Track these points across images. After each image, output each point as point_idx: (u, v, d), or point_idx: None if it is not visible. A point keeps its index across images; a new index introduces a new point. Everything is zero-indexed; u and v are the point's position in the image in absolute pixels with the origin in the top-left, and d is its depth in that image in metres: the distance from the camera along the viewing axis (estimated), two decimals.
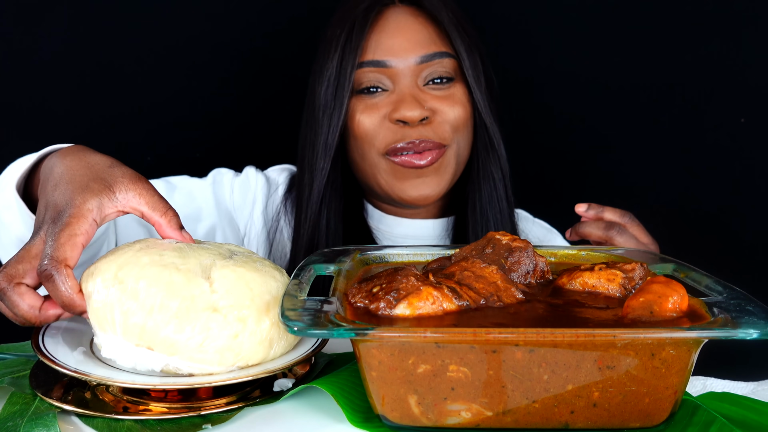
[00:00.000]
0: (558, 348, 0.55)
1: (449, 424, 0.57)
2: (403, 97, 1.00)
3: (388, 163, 1.04)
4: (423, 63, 1.02)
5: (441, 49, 1.03)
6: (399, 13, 1.04)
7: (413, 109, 0.99)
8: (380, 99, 1.02)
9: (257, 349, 0.64)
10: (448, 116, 1.02)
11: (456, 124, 1.03)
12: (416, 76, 1.02)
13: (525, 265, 0.70)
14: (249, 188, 1.14)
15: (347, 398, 0.62)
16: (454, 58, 1.03)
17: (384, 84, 1.02)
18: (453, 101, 1.03)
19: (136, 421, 0.61)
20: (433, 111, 1.02)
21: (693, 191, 1.39)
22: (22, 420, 0.60)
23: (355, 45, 1.00)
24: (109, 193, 0.68)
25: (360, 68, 1.01)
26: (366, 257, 0.75)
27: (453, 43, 1.03)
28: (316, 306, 0.57)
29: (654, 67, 1.36)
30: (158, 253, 0.66)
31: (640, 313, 0.58)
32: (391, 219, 1.13)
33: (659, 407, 0.57)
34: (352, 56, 1.00)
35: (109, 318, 0.63)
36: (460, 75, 1.05)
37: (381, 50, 1.01)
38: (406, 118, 0.99)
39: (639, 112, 1.39)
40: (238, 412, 0.63)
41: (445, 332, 0.55)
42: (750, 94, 1.35)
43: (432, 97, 1.02)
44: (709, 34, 1.34)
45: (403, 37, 1.02)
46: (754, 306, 0.57)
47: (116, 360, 0.64)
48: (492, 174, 1.07)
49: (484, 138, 1.06)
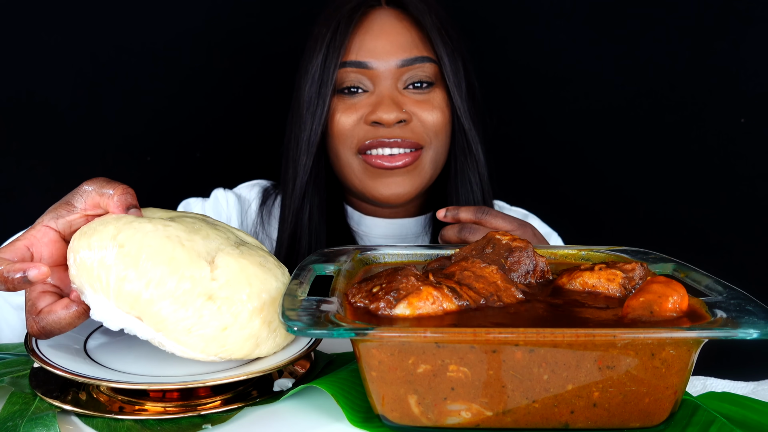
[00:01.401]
0: (558, 348, 0.55)
1: (449, 424, 0.57)
2: (382, 99, 1.02)
3: (360, 161, 1.05)
4: (404, 66, 1.03)
5: (422, 54, 1.04)
6: (384, 16, 1.05)
7: (390, 112, 1.00)
8: (360, 100, 1.04)
9: (243, 345, 0.64)
10: (425, 120, 1.04)
11: (434, 128, 1.04)
12: (396, 79, 1.03)
13: (525, 264, 0.70)
14: (221, 208, 1.16)
15: (347, 398, 0.62)
16: (435, 63, 1.04)
17: (365, 85, 1.04)
18: (431, 106, 1.04)
19: (135, 421, 0.61)
20: (411, 114, 1.03)
21: (693, 191, 1.39)
22: (22, 420, 0.60)
23: (339, 44, 1.02)
24: (65, 205, 0.68)
25: (342, 68, 1.03)
26: (366, 257, 0.75)
27: (435, 48, 1.04)
28: (316, 306, 0.57)
29: (654, 67, 1.36)
30: (163, 223, 0.65)
31: (640, 313, 0.58)
32: (370, 220, 1.15)
33: (659, 407, 0.57)
34: (335, 55, 1.02)
35: (103, 279, 0.62)
36: (441, 80, 1.06)
37: (363, 51, 1.03)
38: (382, 120, 1.01)
39: (639, 112, 1.39)
40: (237, 412, 0.63)
41: (445, 332, 0.55)
42: (750, 95, 1.35)
43: (411, 101, 1.03)
44: (710, 34, 1.34)
45: (386, 39, 1.03)
46: (754, 306, 0.57)
47: (104, 322, 0.63)
48: (469, 177, 1.09)
49: (462, 142, 1.08)
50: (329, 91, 1.03)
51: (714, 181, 1.38)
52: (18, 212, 1.33)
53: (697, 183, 1.39)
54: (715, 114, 1.36)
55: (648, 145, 1.39)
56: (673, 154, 1.38)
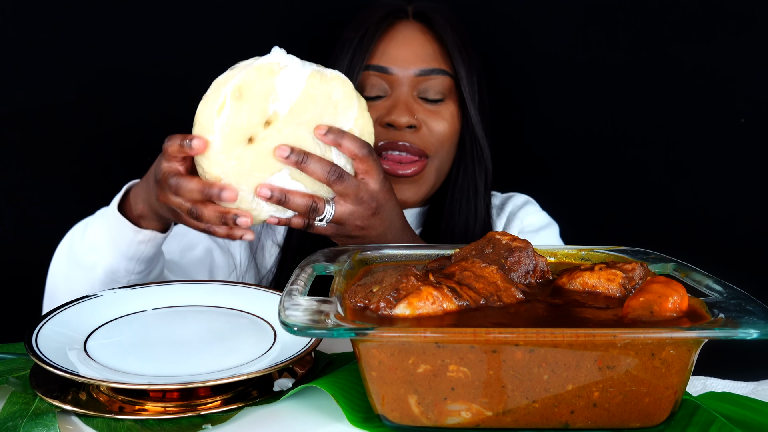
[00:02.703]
0: (558, 348, 0.55)
1: (449, 424, 0.57)
2: (397, 103, 1.08)
3: None
4: (421, 76, 1.09)
5: (440, 66, 1.10)
6: (408, 27, 1.12)
7: (402, 115, 1.07)
8: (378, 103, 1.10)
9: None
10: (434, 129, 1.10)
11: (441, 138, 1.10)
12: (413, 87, 1.10)
13: (525, 264, 0.70)
14: None
15: (347, 398, 0.62)
16: (451, 77, 1.11)
17: (384, 89, 1.10)
18: (441, 117, 1.10)
19: (135, 421, 0.61)
20: (422, 122, 1.09)
21: (692, 191, 1.39)
22: (22, 420, 0.60)
23: (365, 49, 1.09)
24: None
25: (365, 71, 1.09)
26: (366, 257, 0.75)
27: (453, 62, 1.11)
28: (316, 306, 0.57)
29: (654, 67, 1.36)
30: None
31: (640, 313, 0.58)
32: None
33: (659, 407, 0.57)
34: (360, 58, 1.09)
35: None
36: (454, 93, 1.12)
37: (386, 57, 1.09)
38: (394, 122, 1.07)
39: (639, 111, 1.39)
40: (237, 412, 0.63)
41: (445, 332, 0.55)
42: (750, 95, 1.35)
43: (423, 110, 1.10)
44: (709, 33, 1.34)
45: (408, 49, 1.10)
46: (754, 306, 0.57)
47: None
48: (476, 185, 1.15)
49: (473, 152, 1.14)
50: None
51: (714, 181, 1.38)
52: (17, 212, 1.33)
53: (697, 183, 1.38)
54: (715, 114, 1.36)
55: (648, 145, 1.39)
56: (674, 153, 1.38)
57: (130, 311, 0.79)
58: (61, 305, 0.77)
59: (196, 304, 0.82)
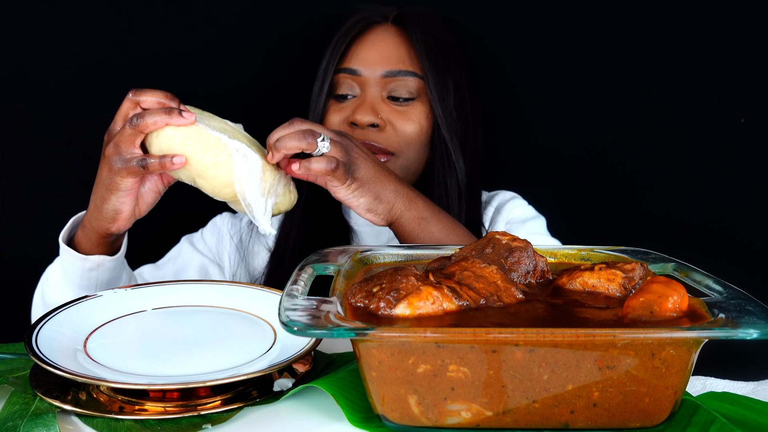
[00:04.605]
0: (558, 348, 0.55)
1: (449, 424, 0.57)
2: (362, 103, 1.11)
3: None
4: (388, 77, 1.12)
5: (407, 68, 1.12)
6: (383, 31, 1.15)
7: (365, 114, 1.09)
8: (348, 103, 1.14)
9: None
10: (399, 129, 1.11)
11: (407, 138, 1.12)
12: (381, 88, 1.12)
13: (525, 264, 0.70)
14: (217, 228, 1.25)
15: (347, 398, 0.62)
16: (420, 78, 1.12)
17: (354, 90, 1.13)
18: (408, 117, 1.12)
19: (135, 421, 0.61)
20: (387, 122, 1.11)
21: (692, 191, 1.39)
22: (22, 420, 0.60)
23: (338, 52, 1.13)
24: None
25: (337, 73, 1.13)
26: (366, 257, 0.75)
27: (421, 64, 1.12)
28: (316, 306, 0.57)
29: (654, 67, 1.36)
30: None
31: (640, 313, 0.58)
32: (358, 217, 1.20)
33: (659, 407, 0.57)
34: (333, 61, 1.13)
35: None
36: (425, 95, 1.13)
37: (356, 60, 1.13)
38: (357, 121, 1.10)
39: (638, 112, 1.39)
40: (237, 412, 0.63)
41: (445, 332, 0.55)
42: (750, 94, 1.35)
43: (390, 110, 1.12)
44: (710, 33, 1.34)
45: (377, 51, 1.13)
46: (754, 306, 0.57)
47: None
48: (447, 185, 1.15)
49: (442, 152, 1.14)
50: (325, 92, 1.14)
51: (714, 181, 1.38)
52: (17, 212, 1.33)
53: (697, 182, 1.38)
54: (715, 114, 1.36)
55: (648, 145, 1.39)
56: (674, 153, 1.38)
57: (130, 311, 0.79)
58: (61, 305, 0.77)
59: (196, 304, 0.82)
